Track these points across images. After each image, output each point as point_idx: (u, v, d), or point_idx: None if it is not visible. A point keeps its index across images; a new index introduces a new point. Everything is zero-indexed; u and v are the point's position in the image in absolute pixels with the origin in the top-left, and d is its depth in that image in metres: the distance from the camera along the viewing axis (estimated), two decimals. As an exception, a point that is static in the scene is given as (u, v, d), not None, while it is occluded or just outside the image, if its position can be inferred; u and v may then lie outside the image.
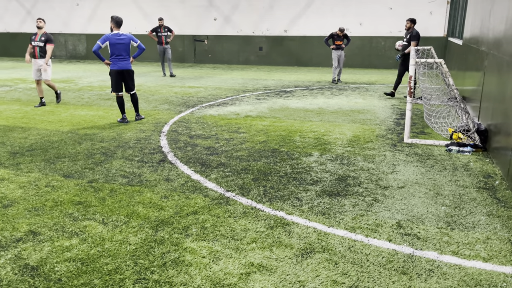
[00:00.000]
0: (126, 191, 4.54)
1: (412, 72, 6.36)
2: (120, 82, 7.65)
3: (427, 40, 16.44)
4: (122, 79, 7.67)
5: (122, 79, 7.67)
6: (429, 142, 6.36)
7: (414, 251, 3.32)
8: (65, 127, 7.41)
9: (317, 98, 10.44)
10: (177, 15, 19.80)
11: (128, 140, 6.56)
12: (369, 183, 4.78)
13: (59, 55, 22.44)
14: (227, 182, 4.79)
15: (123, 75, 7.63)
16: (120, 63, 7.55)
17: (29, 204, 4.20)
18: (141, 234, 3.58)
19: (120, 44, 7.51)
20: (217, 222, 3.81)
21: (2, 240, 3.49)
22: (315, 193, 4.48)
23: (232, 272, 3.04)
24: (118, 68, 7.55)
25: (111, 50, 7.49)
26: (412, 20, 9.94)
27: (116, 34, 7.54)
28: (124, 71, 7.61)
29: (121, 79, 7.66)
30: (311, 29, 18.19)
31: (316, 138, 6.69)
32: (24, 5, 22.41)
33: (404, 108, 9.18)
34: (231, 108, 9.13)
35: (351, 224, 3.78)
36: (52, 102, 9.81)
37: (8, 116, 8.27)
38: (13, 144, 6.32)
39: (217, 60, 19.82)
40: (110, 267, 3.09)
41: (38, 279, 2.95)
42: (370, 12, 17.12)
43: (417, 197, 4.38)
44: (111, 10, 20.85)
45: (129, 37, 7.67)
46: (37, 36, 8.94)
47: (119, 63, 7.54)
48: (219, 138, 6.67)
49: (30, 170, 5.17)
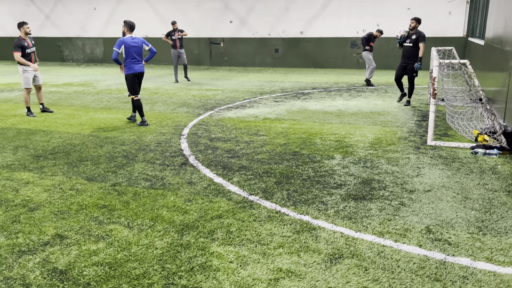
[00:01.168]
0: (149, 194, 4.53)
1: (436, 73, 6.25)
2: (136, 85, 7.76)
3: (446, 40, 16.21)
4: (138, 82, 7.77)
5: (138, 82, 7.77)
6: (454, 144, 6.23)
7: (446, 257, 3.23)
8: (86, 130, 7.47)
9: (336, 100, 10.35)
10: (193, 18, 19.90)
11: (148, 143, 6.58)
12: (394, 186, 4.69)
13: (76, 59, 22.74)
14: (250, 186, 4.76)
15: (138, 78, 7.77)
16: (136, 66, 7.66)
17: (54, 207, 4.22)
18: (166, 238, 3.57)
19: (135, 47, 7.60)
20: (242, 226, 3.77)
21: (30, 243, 3.51)
22: (340, 197, 4.41)
23: (261, 278, 2.99)
24: (134, 71, 7.66)
25: (127, 53, 7.58)
26: (418, 19, 9.25)
27: (130, 37, 7.64)
28: (140, 74, 7.74)
29: (138, 82, 7.77)
30: (327, 31, 18.09)
31: (337, 140, 6.62)
32: (43, 10, 22.78)
33: (425, 109, 9.03)
34: (249, 111, 9.10)
35: (379, 229, 3.70)
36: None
37: (30, 120, 8.37)
38: (36, 147, 6.39)
39: (233, 62, 19.84)
40: (137, 272, 3.08)
41: (67, 283, 2.95)
42: (387, 12, 16.95)
43: (445, 201, 4.28)
44: (128, 14, 21.05)
45: (141, 41, 7.77)
46: (29, 43, 8.62)
47: (135, 66, 7.65)
48: (239, 141, 6.64)
49: (54, 174, 5.21)
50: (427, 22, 16.70)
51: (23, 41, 8.49)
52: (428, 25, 16.74)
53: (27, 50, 8.56)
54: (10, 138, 6.91)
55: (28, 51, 8.59)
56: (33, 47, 8.77)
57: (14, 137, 6.98)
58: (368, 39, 12.82)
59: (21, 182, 4.91)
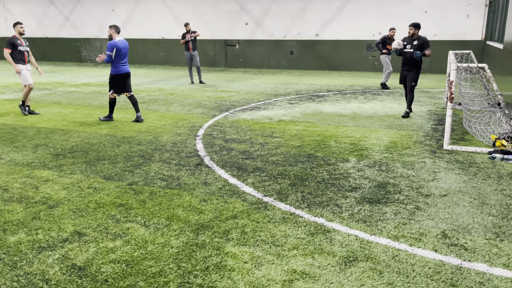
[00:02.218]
0: (165, 194, 4.59)
1: (453, 77, 6.19)
2: (121, 85, 8.18)
3: (464, 44, 16.01)
4: (124, 82, 8.19)
5: (124, 82, 8.19)
6: (471, 149, 6.17)
7: (462, 263, 3.21)
8: (103, 129, 7.59)
9: (351, 103, 10.32)
10: (209, 20, 20.03)
11: (164, 143, 6.65)
12: (410, 190, 4.67)
13: (94, 59, 23.06)
14: (264, 187, 4.78)
15: (124, 78, 8.17)
16: (123, 67, 8.08)
17: (73, 205, 4.31)
18: (182, 238, 3.61)
19: (125, 49, 8.07)
20: (257, 227, 3.80)
21: (50, 240, 3.59)
22: (354, 200, 4.41)
23: (275, 279, 3.02)
24: (122, 72, 8.08)
25: (117, 55, 7.96)
26: (416, 25, 8.44)
27: (120, 40, 8.05)
28: (126, 74, 8.17)
29: (123, 82, 8.19)
30: (343, 33, 18.03)
31: (352, 143, 6.60)
32: (62, 11, 23.18)
33: (441, 113, 8.95)
34: (264, 113, 9.13)
35: (394, 233, 3.69)
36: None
37: (49, 119, 8.54)
38: (55, 146, 6.51)
39: (248, 64, 19.91)
40: (154, 270, 3.13)
41: (85, 280, 3.01)
42: (404, 15, 16.82)
43: (462, 206, 4.24)
44: (145, 15, 21.30)
45: (127, 44, 8.25)
46: (22, 42, 8.79)
47: (122, 67, 8.07)
48: (253, 143, 6.67)
49: (72, 172, 5.31)
50: (445, 25, 16.53)
51: (16, 40, 8.74)
52: (446, 28, 16.58)
53: (20, 48, 8.77)
54: (30, 137, 7.06)
55: (21, 48, 8.79)
56: (27, 47, 8.97)
57: (34, 136, 7.13)
58: (384, 43, 12.73)
59: (41, 180, 5.02)
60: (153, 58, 21.71)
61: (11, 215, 4.06)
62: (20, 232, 3.73)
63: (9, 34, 24.73)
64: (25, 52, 8.84)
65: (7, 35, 24.80)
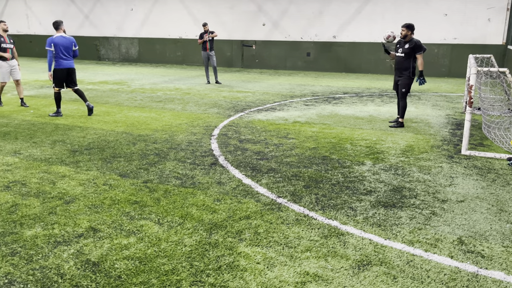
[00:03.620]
0: (179, 192, 4.62)
1: (473, 81, 6.09)
2: (63, 79, 8.48)
3: (485, 48, 15.75)
4: (67, 77, 8.49)
5: (67, 77, 8.49)
6: (489, 154, 6.05)
7: (478, 270, 3.15)
8: (120, 127, 7.67)
9: (367, 106, 10.23)
10: (226, 21, 20.09)
11: (180, 142, 6.69)
12: (426, 195, 4.60)
13: (112, 58, 23.36)
14: (278, 188, 4.77)
15: (68, 73, 8.47)
16: (64, 62, 8.38)
17: (89, 201, 4.36)
18: (195, 236, 3.63)
19: (64, 46, 8.33)
20: (270, 228, 3.79)
21: (65, 235, 3.64)
22: (369, 204, 4.36)
23: (288, 280, 3.00)
24: (63, 67, 8.38)
25: (56, 51, 8.29)
26: (409, 26, 7.69)
27: (60, 37, 8.34)
28: (67, 69, 8.45)
29: (67, 76, 8.48)
30: (361, 35, 17.90)
31: (368, 146, 6.54)
32: (82, 9, 23.53)
33: (459, 118, 8.81)
34: (279, 114, 9.12)
35: (409, 238, 3.64)
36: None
37: (67, 116, 8.66)
38: (72, 142, 6.60)
39: (264, 65, 19.91)
40: (166, 268, 3.14)
41: (99, 275, 3.04)
42: (423, 18, 16.61)
43: (479, 213, 4.16)
44: (164, 15, 21.48)
45: (71, 40, 8.49)
46: (5, 39, 9.30)
47: (64, 62, 8.38)
48: (268, 143, 6.66)
49: (88, 168, 5.38)
50: (465, 28, 16.28)
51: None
52: (466, 32, 16.32)
53: (2, 44, 9.24)
54: (48, 133, 7.18)
55: (4, 45, 9.26)
56: (10, 44, 9.41)
57: (52, 132, 7.24)
58: None
59: (58, 176, 5.10)
60: (170, 58, 21.87)
61: (29, 210, 4.12)
62: (37, 226, 3.79)
63: (30, 32, 25.23)
64: (8, 49, 9.35)
65: (28, 32, 25.29)
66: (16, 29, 25.73)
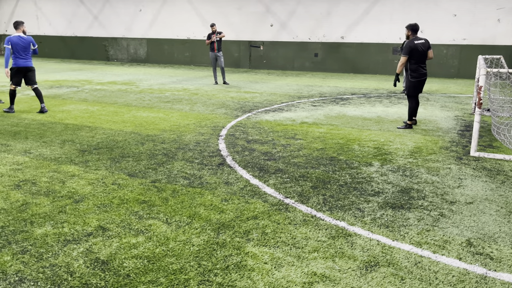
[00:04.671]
0: (187, 192, 4.64)
1: (482, 82, 6.05)
2: (20, 77, 8.75)
3: (494, 48, 15.63)
4: (24, 75, 8.78)
5: (24, 75, 8.78)
6: (499, 156, 6.01)
7: (487, 272, 3.13)
8: (128, 127, 7.72)
9: (375, 107, 10.20)
10: (234, 21, 20.13)
11: (188, 142, 6.72)
12: (434, 196, 4.58)
13: (121, 58, 23.50)
14: (286, 189, 4.78)
15: (24, 72, 8.74)
16: (21, 61, 8.65)
17: (97, 200, 4.40)
18: (203, 236, 3.64)
19: (21, 45, 8.56)
20: (278, 229, 3.80)
21: (75, 233, 3.68)
22: (377, 205, 4.36)
23: (295, 281, 3.01)
24: (20, 65, 8.65)
25: (14, 50, 8.56)
26: (408, 26, 7.74)
27: (17, 36, 8.59)
28: (24, 68, 8.70)
29: (24, 75, 8.77)
30: (369, 36, 17.84)
31: (376, 147, 6.53)
32: (91, 10, 23.70)
33: (468, 119, 8.75)
34: (286, 114, 9.12)
35: (417, 239, 3.63)
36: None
37: (77, 116, 8.74)
38: (81, 142, 6.66)
39: (272, 66, 19.92)
40: (175, 267, 3.17)
41: (108, 274, 3.07)
42: (432, 19, 16.52)
43: (488, 215, 4.14)
44: (172, 15, 21.58)
45: (29, 40, 8.72)
46: None
47: (21, 61, 8.64)
48: (275, 144, 6.67)
49: (97, 168, 5.43)
50: (475, 29, 16.16)
51: None
52: (475, 33, 16.20)
53: None
54: (58, 133, 7.25)
55: None
56: None
57: (62, 132, 7.31)
58: None
59: (67, 175, 5.15)
60: (178, 58, 21.96)
61: (39, 208, 4.17)
62: (47, 225, 3.83)
63: (40, 33, 25.46)
64: None
65: (38, 33, 25.52)
66: (26, 29, 25.98)
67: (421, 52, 7.56)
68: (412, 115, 7.89)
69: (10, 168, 5.39)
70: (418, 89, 7.79)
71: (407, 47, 7.55)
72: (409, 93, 7.84)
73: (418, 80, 7.67)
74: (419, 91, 7.83)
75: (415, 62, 7.59)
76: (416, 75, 7.63)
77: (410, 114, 7.88)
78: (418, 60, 7.58)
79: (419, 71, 7.62)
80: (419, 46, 7.55)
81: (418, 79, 7.66)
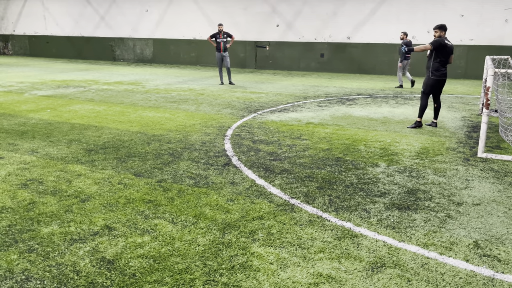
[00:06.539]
0: (193, 192, 4.64)
1: (490, 83, 6.01)
2: None
3: (502, 49, 15.52)
4: None
5: None
6: (507, 157, 5.96)
7: (495, 274, 3.10)
8: (135, 127, 7.74)
9: (382, 107, 10.16)
10: (240, 22, 20.14)
11: (193, 142, 6.73)
12: (441, 198, 4.55)
13: (127, 58, 23.59)
14: (291, 189, 4.76)
15: None
16: None
17: (104, 199, 4.41)
18: (209, 236, 3.64)
19: None
20: (283, 229, 3.79)
21: (81, 232, 3.69)
22: (383, 206, 4.33)
23: (301, 281, 3.00)
24: None
25: None
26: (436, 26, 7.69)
27: None
28: None
29: None
30: (375, 37, 17.78)
31: (382, 148, 6.50)
32: (98, 11, 23.82)
33: (475, 120, 8.69)
34: (292, 115, 9.11)
35: (424, 240, 3.61)
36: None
37: (83, 115, 8.78)
38: (88, 141, 6.69)
39: (278, 66, 19.90)
40: (180, 267, 3.17)
41: (114, 273, 3.08)
42: (439, 19, 16.43)
43: (495, 216, 4.11)
44: (178, 16, 21.63)
45: None
46: None
47: None
48: (281, 144, 6.66)
49: (104, 167, 5.44)
50: (482, 29, 16.05)
51: None
52: (482, 33, 16.10)
53: None
54: (64, 132, 7.29)
55: None
56: None
57: (69, 131, 7.35)
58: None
59: (74, 174, 5.17)
60: (184, 58, 22.01)
61: (45, 207, 4.19)
62: (53, 224, 3.85)
63: (47, 33, 25.62)
64: None
65: (45, 33, 25.69)
66: (34, 30, 26.17)
67: (448, 52, 7.60)
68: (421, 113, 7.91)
69: (17, 167, 5.43)
70: (436, 88, 7.80)
71: (437, 41, 7.52)
72: (425, 91, 7.87)
73: (437, 79, 7.70)
74: (436, 91, 7.85)
75: (439, 60, 7.60)
76: (438, 74, 7.68)
77: (421, 112, 7.94)
78: (443, 59, 7.60)
79: (441, 71, 7.66)
80: (448, 45, 7.60)
81: (438, 78, 7.69)
